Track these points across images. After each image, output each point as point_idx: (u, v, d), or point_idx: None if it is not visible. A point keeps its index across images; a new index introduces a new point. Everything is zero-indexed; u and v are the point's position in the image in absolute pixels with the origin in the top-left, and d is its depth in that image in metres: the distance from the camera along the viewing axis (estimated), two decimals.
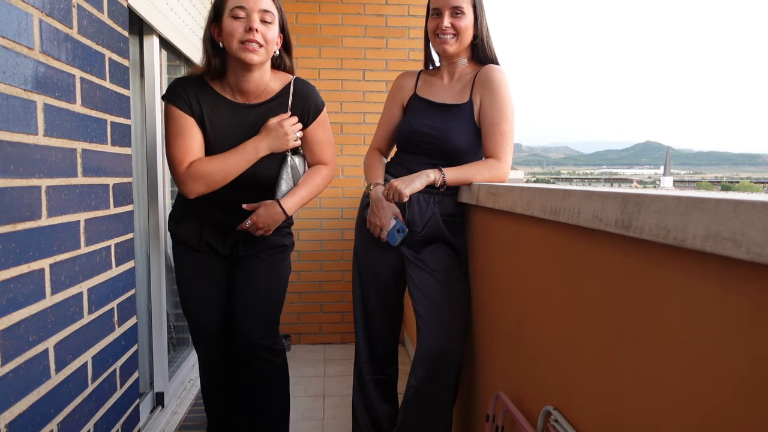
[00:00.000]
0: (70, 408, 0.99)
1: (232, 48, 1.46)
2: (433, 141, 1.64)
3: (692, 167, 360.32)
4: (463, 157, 1.65)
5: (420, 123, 1.67)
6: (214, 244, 1.66)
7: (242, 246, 1.67)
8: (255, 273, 1.67)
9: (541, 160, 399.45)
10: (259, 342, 1.65)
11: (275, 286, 1.70)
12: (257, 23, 1.44)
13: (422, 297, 1.60)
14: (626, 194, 0.72)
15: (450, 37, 1.61)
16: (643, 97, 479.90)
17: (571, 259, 0.96)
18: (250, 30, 1.43)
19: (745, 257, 0.50)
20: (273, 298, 1.69)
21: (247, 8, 1.44)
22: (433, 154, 1.65)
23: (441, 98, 1.69)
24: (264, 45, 1.47)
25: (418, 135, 1.67)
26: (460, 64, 1.69)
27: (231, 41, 1.45)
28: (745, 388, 0.54)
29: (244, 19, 1.44)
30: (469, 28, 1.62)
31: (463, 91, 1.66)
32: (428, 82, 1.75)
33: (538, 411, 1.07)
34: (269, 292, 1.68)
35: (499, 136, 1.59)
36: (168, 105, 1.52)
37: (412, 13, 3.22)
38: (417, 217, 1.63)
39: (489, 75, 1.61)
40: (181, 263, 1.69)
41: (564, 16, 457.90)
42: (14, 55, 0.82)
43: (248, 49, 1.44)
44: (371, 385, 1.79)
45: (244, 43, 1.44)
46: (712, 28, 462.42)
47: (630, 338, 0.75)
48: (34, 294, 0.87)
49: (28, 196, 0.85)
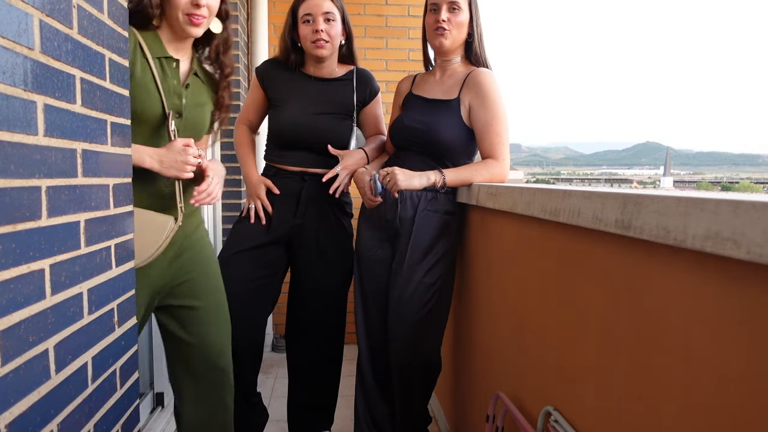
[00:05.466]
0: (70, 408, 0.99)
1: (306, 47, 1.81)
2: (421, 135, 1.68)
3: (692, 167, 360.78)
4: (451, 153, 1.68)
5: (410, 118, 1.72)
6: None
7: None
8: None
9: (541, 161, 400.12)
10: None
11: None
12: (322, 24, 1.76)
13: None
14: (626, 194, 0.72)
15: (446, 31, 1.64)
16: (643, 98, 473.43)
17: (571, 259, 0.96)
18: (317, 31, 1.76)
19: (745, 257, 0.50)
20: None
21: (313, 14, 1.77)
22: (423, 148, 1.69)
23: (432, 94, 1.73)
24: (330, 40, 1.78)
25: (408, 130, 1.71)
26: (453, 62, 1.73)
27: (305, 42, 1.80)
28: (745, 388, 0.54)
29: (311, 23, 1.78)
30: (465, 25, 1.66)
31: (452, 88, 1.70)
32: (423, 80, 1.81)
33: (538, 411, 1.07)
34: None
35: (494, 136, 1.61)
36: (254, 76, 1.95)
37: (412, 13, 3.22)
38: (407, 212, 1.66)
39: (478, 79, 1.65)
40: None
41: (564, 16, 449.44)
42: (14, 56, 0.82)
43: (318, 46, 1.77)
44: (372, 387, 1.79)
45: (314, 42, 1.77)
46: (712, 28, 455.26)
47: (630, 338, 0.75)
48: (34, 294, 0.87)
49: (28, 196, 0.85)
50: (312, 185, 1.84)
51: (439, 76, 1.76)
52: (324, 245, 1.89)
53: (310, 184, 1.84)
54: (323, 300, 1.93)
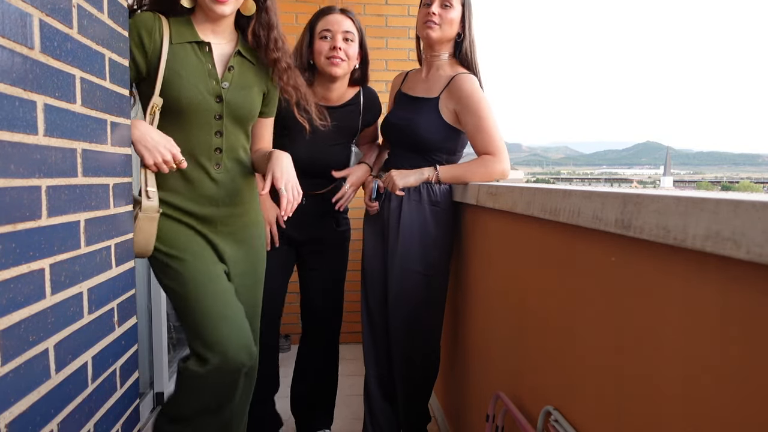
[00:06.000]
0: (70, 408, 0.99)
1: (320, 63, 1.75)
2: (401, 131, 1.74)
3: (692, 167, 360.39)
4: (430, 149, 1.72)
5: (394, 115, 1.79)
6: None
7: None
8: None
9: (541, 160, 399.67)
10: None
11: None
12: (340, 42, 1.72)
13: None
14: (626, 194, 0.72)
15: (435, 24, 1.67)
16: (643, 97, 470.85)
17: (571, 259, 0.96)
18: (334, 48, 1.72)
19: (745, 257, 0.50)
20: None
21: (333, 30, 1.73)
22: (406, 144, 1.75)
23: (416, 92, 1.78)
24: (346, 60, 1.74)
25: (393, 126, 1.77)
26: (441, 58, 1.75)
27: (319, 58, 1.75)
28: (744, 388, 0.54)
29: (329, 40, 1.73)
30: (455, 22, 1.69)
31: (434, 87, 1.73)
32: (412, 78, 1.85)
33: (538, 411, 1.07)
34: None
35: (485, 134, 1.64)
36: None
37: (412, 13, 3.22)
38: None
39: (459, 85, 1.68)
40: None
41: (564, 16, 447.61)
42: (14, 55, 0.82)
43: (333, 63, 1.73)
44: (374, 385, 1.80)
45: (329, 58, 1.72)
46: (712, 28, 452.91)
47: (630, 338, 0.75)
48: (34, 294, 0.87)
49: (28, 196, 0.85)
50: (311, 203, 1.81)
51: (425, 73, 1.79)
52: (324, 245, 1.93)
53: (309, 202, 1.79)
54: (329, 297, 1.99)
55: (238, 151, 1.46)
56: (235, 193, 1.46)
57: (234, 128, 1.44)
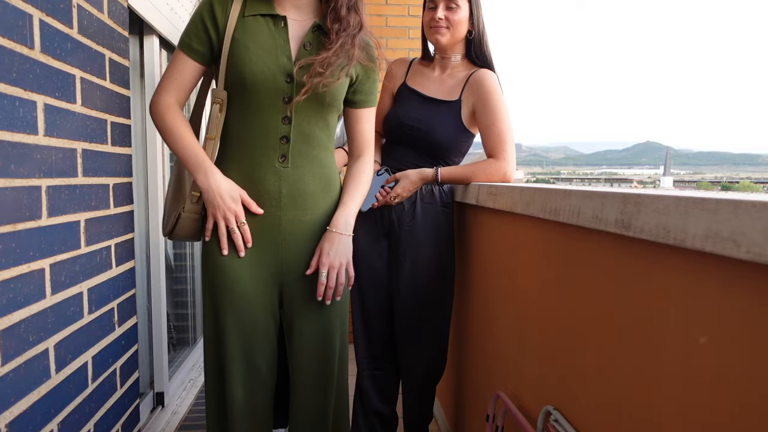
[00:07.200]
0: (71, 408, 0.99)
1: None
2: (417, 133, 1.69)
3: (692, 167, 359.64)
4: (445, 153, 1.70)
5: (406, 115, 1.71)
6: None
7: None
8: None
9: (541, 160, 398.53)
10: None
11: None
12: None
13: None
14: (626, 194, 0.72)
15: (443, 28, 1.65)
16: (643, 97, 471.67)
17: (571, 259, 0.96)
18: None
19: (745, 257, 0.50)
20: None
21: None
22: (418, 145, 1.70)
23: (431, 92, 1.73)
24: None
25: (404, 127, 1.71)
26: (453, 60, 1.73)
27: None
28: (744, 388, 0.54)
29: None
30: (463, 22, 1.66)
31: (454, 89, 1.70)
32: (419, 72, 1.78)
33: (538, 411, 1.07)
34: None
35: (496, 136, 1.62)
36: None
37: (411, 13, 3.22)
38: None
39: (480, 81, 1.65)
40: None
41: (564, 16, 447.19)
42: (14, 55, 0.82)
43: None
44: (368, 382, 1.79)
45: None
46: (712, 28, 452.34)
47: (630, 338, 0.75)
48: (34, 294, 0.87)
49: (28, 196, 0.85)
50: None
51: (438, 74, 1.75)
52: None
53: None
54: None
55: (310, 145, 1.28)
56: (302, 195, 1.28)
57: (306, 115, 1.26)
